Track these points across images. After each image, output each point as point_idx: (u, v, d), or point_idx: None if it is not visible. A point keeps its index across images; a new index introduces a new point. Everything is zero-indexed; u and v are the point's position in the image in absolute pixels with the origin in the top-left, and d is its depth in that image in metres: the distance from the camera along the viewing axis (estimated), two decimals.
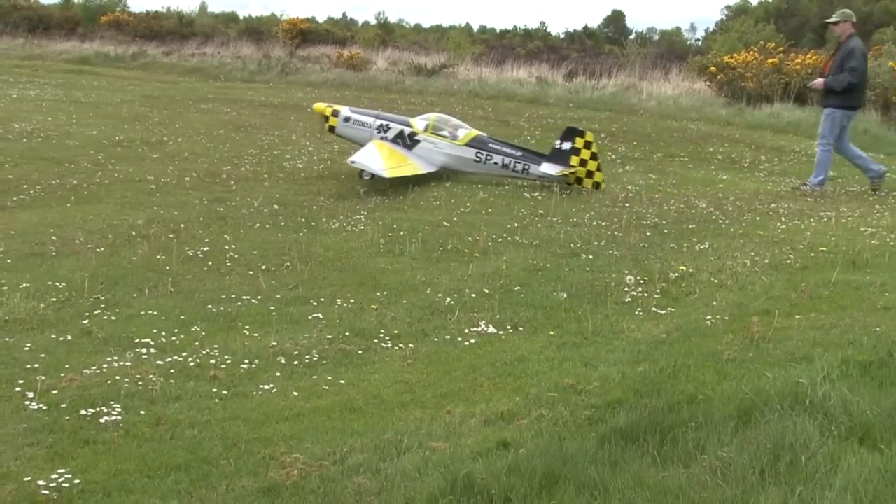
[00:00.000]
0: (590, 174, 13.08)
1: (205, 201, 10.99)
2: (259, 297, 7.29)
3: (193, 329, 6.47)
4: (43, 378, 5.37)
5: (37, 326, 6.35)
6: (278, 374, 5.75)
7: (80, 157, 13.45)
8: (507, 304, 7.32)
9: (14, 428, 4.75)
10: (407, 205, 11.38)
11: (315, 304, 7.17)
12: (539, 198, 12.04)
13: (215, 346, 6.13)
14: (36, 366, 5.61)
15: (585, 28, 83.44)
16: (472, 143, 13.48)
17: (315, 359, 6.03)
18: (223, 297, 7.25)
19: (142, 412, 5.03)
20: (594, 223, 10.50)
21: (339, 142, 15.10)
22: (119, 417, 4.93)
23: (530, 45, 59.37)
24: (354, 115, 14.03)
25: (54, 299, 6.94)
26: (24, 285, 7.19)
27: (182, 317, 6.73)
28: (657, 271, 8.31)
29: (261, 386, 5.52)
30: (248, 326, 6.58)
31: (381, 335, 6.54)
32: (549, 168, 13.03)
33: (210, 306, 7.00)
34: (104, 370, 5.59)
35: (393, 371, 5.91)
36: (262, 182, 12.52)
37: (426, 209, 11.17)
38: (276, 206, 10.80)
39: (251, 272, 7.98)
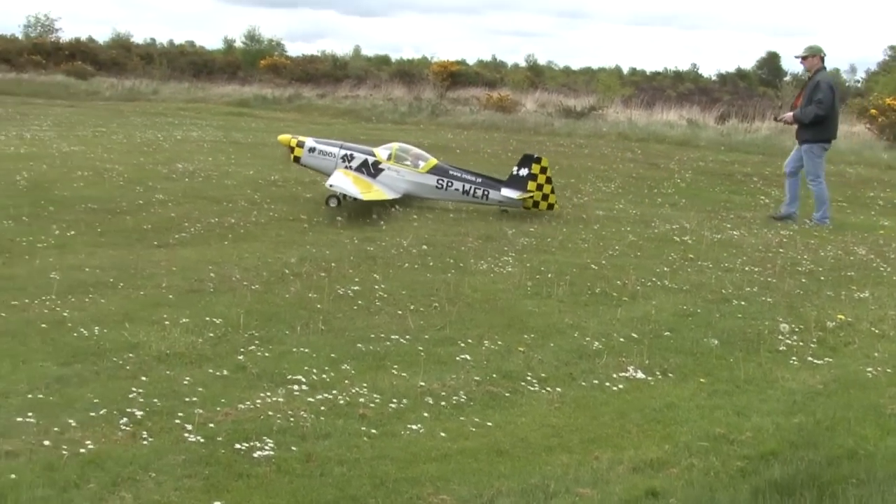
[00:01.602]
0: (545, 197, 13.67)
1: (355, 241, 11.16)
2: (408, 336, 7.35)
3: (343, 367, 6.55)
4: (200, 411, 5.51)
5: (195, 360, 6.53)
6: (426, 414, 5.77)
7: (237, 197, 13.85)
8: (657, 350, 7.20)
9: (174, 459, 4.89)
10: (555, 247, 11.34)
11: (463, 344, 7.19)
12: (689, 242, 11.85)
13: (364, 384, 6.19)
14: (194, 399, 5.76)
15: (738, 70, 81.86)
16: (434, 170, 13.97)
17: (462, 400, 6.04)
18: (372, 335, 7.33)
19: (293, 448, 5.12)
20: (746, 268, 10.28)
21: None
22: (272, 452, 5.02)
23: (681, 86, 58.81)
24: (319, 145, 14.40)
25: (212, 334, 7.13)
26: (184, 320, 7.41)
27: (332, 355, 6.82)
28: (813, 319, 8.07)
29: (409, 425, 5.55)
30: (396, 366, 6.63)
31: (529, 378, 6.51)
32: (508, 193, 13.62)
33: (360, 345, 7.08)
34: (258, 405, 5.71)
35: (540, 414, 5.87)
36: (412, 222, 12.65)
37: (574, 252, 11.11)
38: (424, 247, 10.89)
39: (400, 312, 8.05)
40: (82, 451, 4.92)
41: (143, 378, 6.09)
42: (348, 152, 14.17)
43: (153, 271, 9.02)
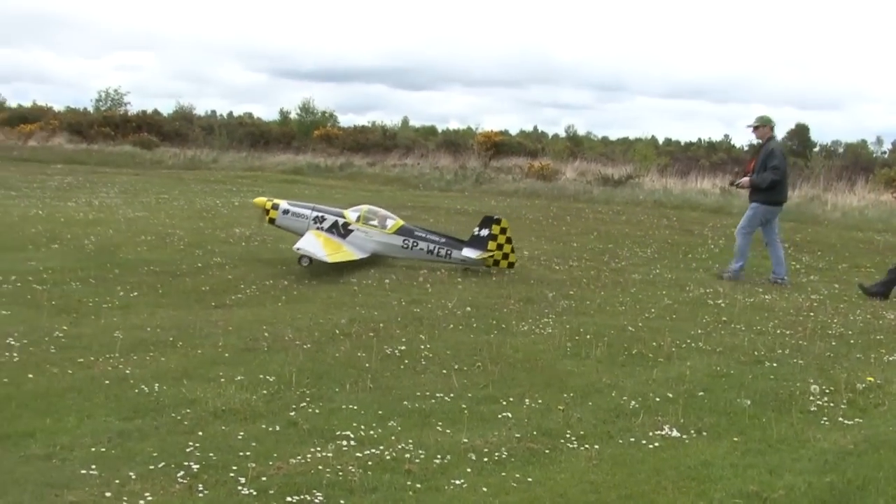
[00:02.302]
0: (505, 256, 13.97)
1: (402, 302, 11.20)
2: (452, 394, 7.33)
3: (390, 424, 6.54)
4: (253, 465, 5.53)
5: (249, 416, 6.54)
6: (469, 469, 5.74)
7: (291, 260, 13.96)
8: (691, 409, 7.13)
9: None
10: (593, 310, 11.30)
11: (504, 403, 7.17)
12: (722, 305, 11.77)
13: (410, 440, 6.18)
14: (248, 453, 5.77)
15: None
16: (400, 231, 14.25)
17: (504, 456, 6.00)
18: (418, 393, 7.32)
19: (341, 501, 5.11)
20: (778, 331, 10.18)
21: (538, 255, 15.19)
22: None
23: (714, 156, 58.65)
24: (293, 207, 14.61)
25: (265, 391, 7.15)
26: (239, 378, 7.45)
27: (380, 412, 6.81)
28: (844, 381, 7.96)
29: (452, 480, 5.52)
30: (441, 423, 6.61)
31: (568, 435, 6.46)
32: (469, 252, 13.88)
33: (406, 402, 7.08)
34: (308, 460, 5.71)
35: (579, 471, 5.82)
36: (456, 285, 12.68)
37: (612, 314, 11.07)
38: (468, 309, 10.89)
39: (445, 371, 8.04)
40: (141, 502, 4.95)
41: (200, 433, 6.12)
42: (320, 214, 14.46)
43: (210, 331, 9.10)
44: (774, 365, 8.66)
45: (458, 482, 5.50)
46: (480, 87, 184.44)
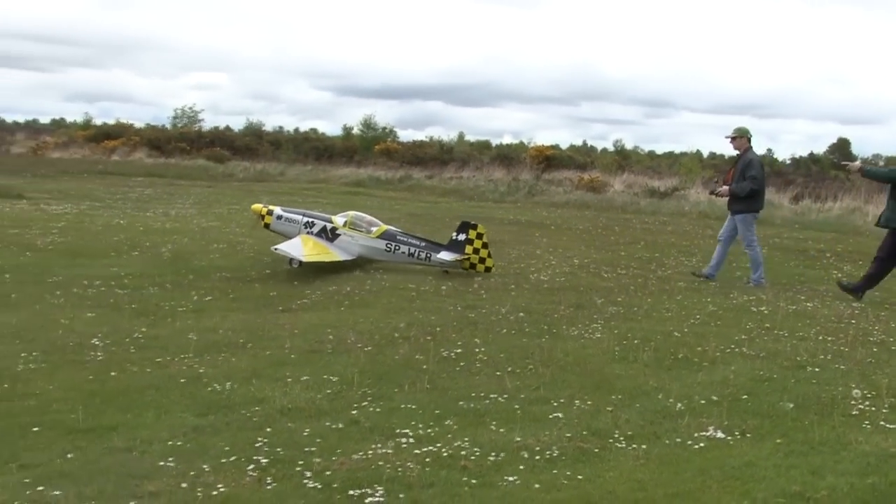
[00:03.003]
0: (482, 260, 14.11)
1: (458, 308, 11.20)
2: (505, 395, 7.31)
3: (446, 423, 6.54)
4: (318, 460, 5.56)
5: (314, 414, 6.58)
6: (521, 466, 5.72)
7: (353, 267, 14.04)
8: (735, 412, 7.03)
9: (295, 503, 4.93)
10: (640, 315, 11.21)
11: (555, 404, 7.13)
12: (765, 312, 11.60)
13: (466, 438, 6.17)
14: (313, 449, 5.81)
15: (811, 154, 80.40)
16: (383, 236, 14.47)
17: (555, 454, 5.97)
18: (473, 394, 7.31)
19: (401, 495, 5.12)
20: (820, 338, 10.01)
21: (587, 263, 15.13)
22: (381, 499, 5.03)
23: None
24: (286, 213, 15.09)
25: (329, 391, 7.19)
26: (305, 378, 7.50)
27: (436, 411, 6.81)
28: (885, 387, 7.79)
29: (506, 477, 5.51)
30: (494, 422, 6.59)
31: (616, 435, 6.41)
32: (445, 255, 14.04)
33: (461, 402, 7.07)
34: (369, 456, 5.73)
35: (627, 469, 5.77)
36: (510, 292, 12.64)
37: (658, 320, 10.97)
38: (521, 314, 10.86)
39: (498, 373, 8.02)
40: (215, 493, 5.01)
41: (268, 429, 6.18)
42: (310, 219, 14.84)
43: (278, 333, 9.17)
44: (816, 370, 8.51)
45: (511, 479, 5.48)
46: (533, 103, 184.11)
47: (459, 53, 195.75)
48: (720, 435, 6.50)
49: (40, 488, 4.95)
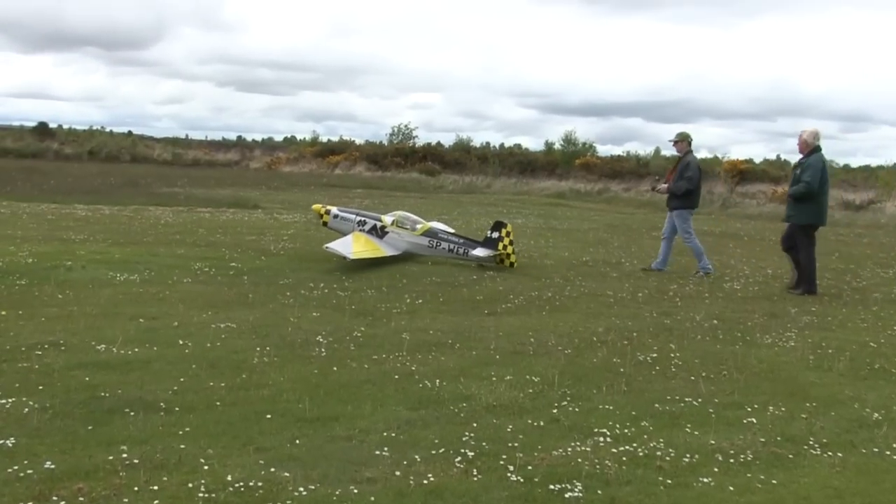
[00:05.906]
0: (507, 256, 14.52)
1: (654, 314, 10.98)
2: (699, 399, 7.10)
3: (642, 424, 6.41)
4: (521, 455, 5.56)
5: (517, 412, 6.59)
6: (716, 469, 5.54)
7: (553, 274, 14.01)
8: None
9: (499, 494, 4.95)
10: (835, 325, 10.65)
11: (749, 409, 6.87)
12: None
13: (661, 439, 6.03)
14: (515, 444, 5.82)
15: None
16: (426, 233, 15.08)
17: (749, 458, 5.75)
18: (668, 397, 7.14)
19: (598, 492, 5.05)
20: None
21: (781, 274, 14.51)
22: (580, 494, 4.98)
23: None
24: (342, 213, 15.81)
25: (530, 390, 7.19)
26: (508, 377, 7.52)
27: (633, 412, 6.69)
28: None
29: (700, 478, 5.35)
30: (689, 425, 6.42)
31: (811, 442, 6.11)
32: (480, 252, 14.45)
33: (657, 405, 6.92)
34: (568, 453, 5.69)
35: (822, 476, 5.49)
36: (704, 300, 12.30)
37: (853, 330, 10.38)
38: (715, 321, 10.54)
39: (692, 378, 7.81)
40: (425, 482, 5.09)
41: (474, 424, 6.22)
42: (362, 218, 15.54)
43: (483, 335, 9.24)
44: None
45: (705, 480, 5.32)
46: (729, 119, 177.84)
47: (658, 72, 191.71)
48: None
49: (272, 469, 5.16)
